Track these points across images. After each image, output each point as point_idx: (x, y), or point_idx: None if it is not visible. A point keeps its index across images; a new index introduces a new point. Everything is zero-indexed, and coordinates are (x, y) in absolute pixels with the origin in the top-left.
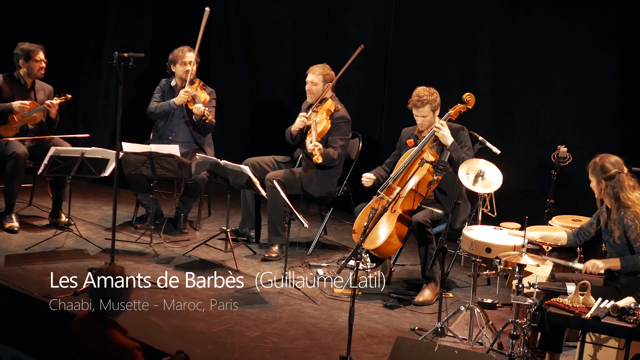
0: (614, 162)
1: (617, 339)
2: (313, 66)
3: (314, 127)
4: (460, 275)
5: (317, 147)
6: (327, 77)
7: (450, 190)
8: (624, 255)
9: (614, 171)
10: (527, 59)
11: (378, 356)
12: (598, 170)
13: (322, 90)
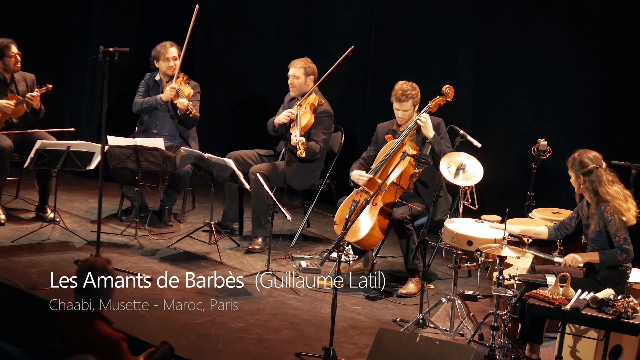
0: (592, 157)
1: (596, 330)
2: (294, 60)
3: (297, 121)
4: (441, 267)
5: (300, 141)
6: (309, 70)
7: (431, 183)
8: (604, 249)
9: (592, 166)
10: (507, 53)
11: (360, 347)
12: (577, 166)
13: (305, 83)
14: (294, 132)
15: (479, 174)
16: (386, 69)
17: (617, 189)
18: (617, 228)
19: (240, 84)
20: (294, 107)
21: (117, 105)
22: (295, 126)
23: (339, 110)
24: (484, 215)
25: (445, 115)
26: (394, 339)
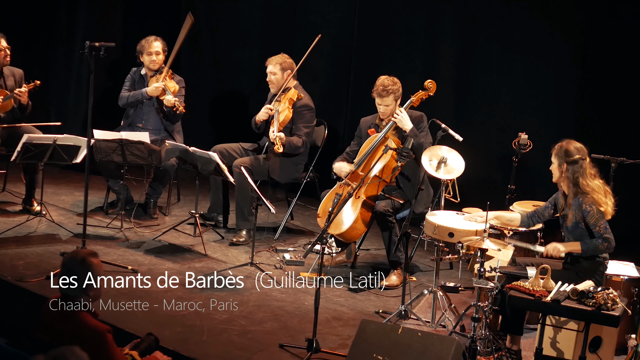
0: (579, 147)
1: (576, 322)
2: (270, 57)
3: (276, 117)
4: (423, 260)
5: (278, 137)
6: (285, 65)
7: (413, 176)
8: (582, 239)
9: (577, 157)
10: (488, 48)
11: (343, 338)
12: (562, 154)
13: (282, 79)
14: (272, 127)
15: (460, 167)
16: (369, 64)
17: (599, 183)
18: (596, 218)
19: (225, 79)
20: (272, 103)
21: (103, 99)
22: (273, 122)
23: (322, 104)
24: (465, 208)
25: (427, 109)
26: (376, 330)
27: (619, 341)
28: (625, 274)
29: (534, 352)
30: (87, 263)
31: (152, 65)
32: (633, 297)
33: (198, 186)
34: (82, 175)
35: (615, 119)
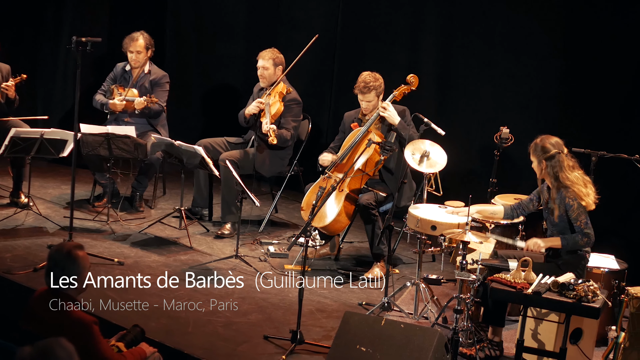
0: (554, 142)
1: (557, 314)
2: (262, 51)
3: (267, 110)
4: (406, 252)
5: (271, 129)
6: (277, 61)
7: (396, 169)
8: (564, 233)
9: (554, 151)
10: (469, 43)
11: (327, 330)
12: (539, 151)
13: (274, 74)
14: (264, 120)
15: (442, 161)
16: (352, 59)
17: (577, 174)
18: (577, 213)
19: (210, 73)
20: (263, 97)
21: (89, 94)
22: (265, 115)
23: (306, 98)
24: (447, 201)
25: (409, 103)
26: (359, 322)
27: (600, 333)
28: (605, 267)
29: (515, 343)
30: (74, 256)
31: (132, 62)
32: (613, 289)
33: (183, 180)
34: (69, 169)
35: (595, 113)
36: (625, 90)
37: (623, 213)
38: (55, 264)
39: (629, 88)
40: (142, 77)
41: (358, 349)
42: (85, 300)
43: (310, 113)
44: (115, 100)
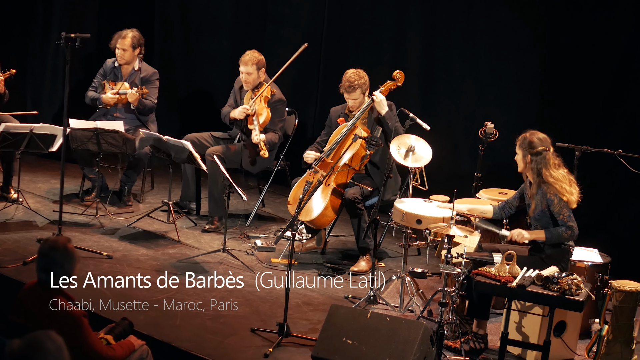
0: (542, 138)
1: (541, 307)
2: (243, 57)
3: (256, 119)
4: (391, 246)
5: (262, 140)
6: (260, 64)
7: (382, 164)
8: (547, 227)
9: (541, 148)
10: (453, 39)
11: (313, 323)
12: (526, 145)
13: (258, 78)
14: (254, 131)
15: (428, 155)
16: (338, 55)
17: (563, 172)
18: (560, 207)
19: (197, 70)
20: (248, 101)
21: (78, 89)
22: (253, 123)
23: (293, 94)
24: (432, 196)
25: (395, 99)
26: (345, 315)
27: (583, 325)
28: (589, 260)
29: (500, 336)
30: (70, 251)
31: (118, 59)
32: (597, 283)
33: (171, 174)
34: (58, 164)
35: (578, 107)
36: (608, 85)
37: (606, 207)
38: (53, 261)
39: (611, 83)
40: (132, 74)
41: (344, 342)
42: (75, 293)
43: (296, 108)
44: (108, 94)
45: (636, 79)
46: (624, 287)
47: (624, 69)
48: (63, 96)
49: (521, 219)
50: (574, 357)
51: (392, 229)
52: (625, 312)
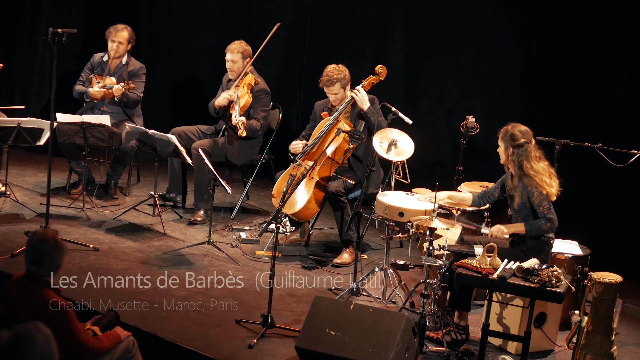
0: (523, 131)
1: (522, 298)
2: (230, 45)
3: (236, 102)
4: (374, 238)
5: (240, 121)
6: (246, 53)
7: (365, 157)
8: (527, 219)
9: (522, 140)
10: (435, 34)
11: (297, 314)
12: (508, 138)
13: (243, 67)
14: (234, 113)
15: (410, 149)
16: (321, 49)
17: (544, 165)
18: (540, 199)
19: (182, 64)
20: (231, 89)
21: (65, 84)
22: (234, 107)
23: (277, 88)
24: (415, 189)
25: (377, 93)
26: (329, 306)
27: (563, 317)
28: (569, 252)
29: (481, 327)
30: (57, 242)
31: (112, 52)
32: (576, 275)
33: (157, 167)
34: (45, 157)
35: (559, 102)
36: (588, 80)
37: (586, 200)
38: (43, 253)
39: (591, 78)
40: (120, 68)
41: (327, 333)
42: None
43: (280, 102)
44: (95, 88)
45: (616, 74)
46: (604, 279)
47: (604, 64)
48: (50, 91)
49: (502, 211)
50: (554, 348)
51: (375, 221)
52: (605, 304)
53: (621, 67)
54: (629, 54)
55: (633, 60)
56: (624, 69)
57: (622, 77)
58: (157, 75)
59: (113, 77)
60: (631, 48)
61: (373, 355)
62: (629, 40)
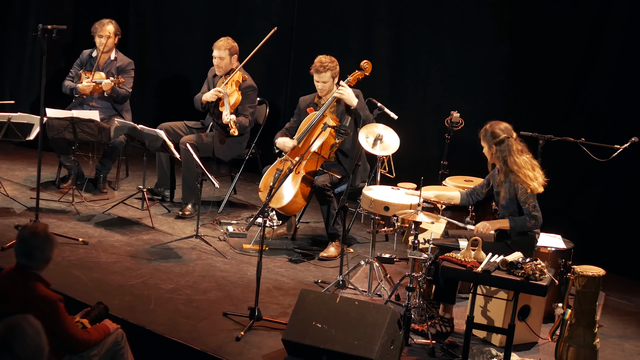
0: (503, 128)
1: (506, 291)
2: (217, 42)
3: (226, 100)
4: (360, 232)
5: (232, 120)
6: (232, 50)
7: (351, 152)
8: (513, 215)
9: (503, 136)
10: (420, 30)
11: (284, 307)
12: (489, 137)
13: (230, 63)
14: (224, 111)
15: (395, 144)
16: (307, 45)
17: (526, 158)
18: (526, 196)
19: (170, 60)
20: (220, 86)
21: (55, 79)
22: (224, 105)
23: (264, 84)
24: (400, 183)
25: (363, 89)
26: (315, 299)
27: (547, 309)
28: (552, 246)
29: (465, 320)
30: (48, 236)
31: (100, 47)
32: (560, 268)
33: (145, 162)
34: (35, 152)
35: (542, 97)
36: (571, 76)
37: (569, 194)
38: (34, 246)
39: (574, 74)
40: (108, 64)
41: (314, 325)
42: (52, 277)
43: (267, 98)
44: (84, 83)
45: (598, 70)
46: (587, 272)
47: (587, 61)
48: (40, 86)
49: (486, 207)
50: (537, 340)
51: (361, 215)
52: (588, 297)
53: (604, 63)
54: (612, 50)
55: (615, 56)
56: (606, 64)
57: (605, 72)
58: (145, 71)
59: (102, 72)
60: (614, 44)
61: (359, 347)
62: (611, 37)
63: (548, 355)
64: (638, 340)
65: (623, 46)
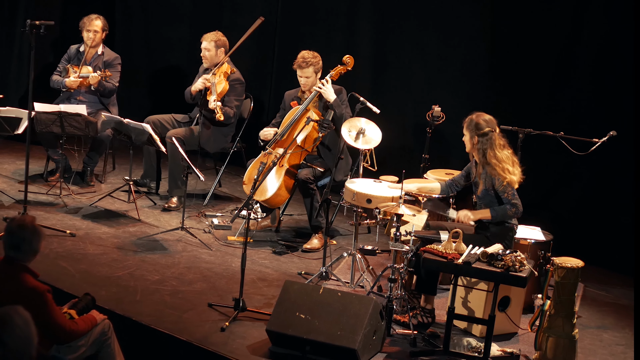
0: (487, 120)
1: (486, 283)
2: (206, 34)
3: (214, 88)
4: (343, 224)
5: (218, 106)
6: (219, 43)
7: (334, 146)
8: (491, 205)
9: (487, 129)
10: (403, 25)
11: (268, 298)
12: (473, 127)
13: (216, 56)
14: (211, 97)
15: (377, 137)
16: (291, 40)
17: (507, 153)
18: (504, 186)
19: (157, 55)
20: (209, 75)
21: (43, 74)
22: (212, 92)
23: (249, 78)
24: (382, 176)
25: (346, 83)
26: (299, 290)
27: (526, 300)
28: (532, 238)
29: (446, 310)
30: (36, 228)
31: (88, 41)
32: (539, 260)
33: (132, 155)
34: (23, 145)
35: (522, 91)
36: (551, 71)
37: (549, 187)
38: (22, 239)
39: (553, 69)
40: (95, 58)
41: (297, 316)
42: (40, 268)
43: (252, 92)
44: (71, 77)
45: (577, 65)
46: (566, 264)
47: (567, 56)
48: (28, 81)
49: (467, 198)
50: (517, 330)
51: (344, 208)
52: (567, 288)
53: (583, 59)
54: (591, 46)
55: (594, 52)
56: (585, 60)
57: (584, 68)
58: (132, 66)
59: (89, 66)
60: (593, 40)
61: (342, 337)
62: (590, 32)
63: (527, 345)
64: (616, 331)
65: (602, 40)
